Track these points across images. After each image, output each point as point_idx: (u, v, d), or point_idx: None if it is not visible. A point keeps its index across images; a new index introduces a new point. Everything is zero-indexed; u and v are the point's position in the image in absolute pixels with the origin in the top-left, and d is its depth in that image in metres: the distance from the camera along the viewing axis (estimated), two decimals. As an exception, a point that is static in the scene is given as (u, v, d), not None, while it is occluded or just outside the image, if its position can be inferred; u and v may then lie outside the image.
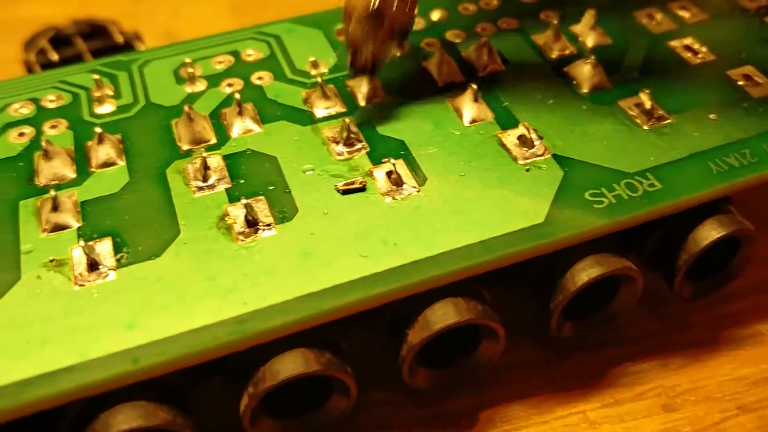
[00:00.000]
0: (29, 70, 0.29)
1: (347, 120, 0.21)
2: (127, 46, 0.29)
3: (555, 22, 0.24)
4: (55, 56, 0.28)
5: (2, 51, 0.34)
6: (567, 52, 0.24)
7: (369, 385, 0.19)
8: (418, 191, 0.20)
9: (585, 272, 0.19)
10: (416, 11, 0.22)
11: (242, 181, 0.20)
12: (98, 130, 0.20)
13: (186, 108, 0.21)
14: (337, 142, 0.21)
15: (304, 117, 0.22)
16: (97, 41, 0.30)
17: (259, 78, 0.23)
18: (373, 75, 0.22)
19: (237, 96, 0.21)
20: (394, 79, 0.23)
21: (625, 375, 0.20)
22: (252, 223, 0.19)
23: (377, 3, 0.20)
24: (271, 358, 0.17)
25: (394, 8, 0.21)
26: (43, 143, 0.20)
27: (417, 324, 0.18)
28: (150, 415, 0.16)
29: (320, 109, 0.22)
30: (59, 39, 0.30)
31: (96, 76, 0.23)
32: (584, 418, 0.19)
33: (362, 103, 0.22)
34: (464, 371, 0.19)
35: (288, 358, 0.17)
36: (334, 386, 0.18)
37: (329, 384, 0.18)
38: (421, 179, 0.20)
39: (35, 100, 0.23)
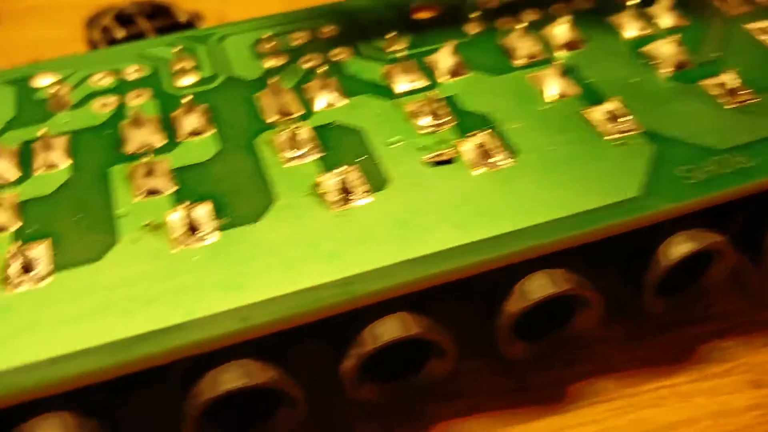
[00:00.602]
0: (94, 48, 0.29)
1: (431, 94, 0.21)
2: (189, 26, 0.30)
3: (633, 1, 0.24)
4: (120, 33, 0.29)
5: (61, 32, 0.35)
6: (646, 32, 0.24)
7: (460, 354, 0.19)
8: (508, 164, 0.19)
9: (680, 246, 0.19)
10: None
11: (330, 153, 0.20)
12: (187, 98, 0.20)
13: (270, 80, 0.21)
14: (422, 116, 0.21)
15: (386, 92, 0.22)
16: (159, 20, 0.30)
17: (337, 54, 0.23)
18: None
19: (319, 70, 0.21)
20: (474, 56, 0.23)
21: (712, 351, 0.20)
22: (346, 192, 0.19)
23: None
24: (371, 322, 0.17)
25: None
26: (133, 112, 0.20)
27: (513, 295, 0.18)
28: (256, 374, 0.16)
29: (402, 84, 0.22)
30: (122, 18, 0.30)
31: (175, 49, 0.23)
32: (674, 391, 0.19)
33: (443, 78, 0.22)
34: (560, 343, 0.19)
35: (391, 321, 0.17)
36: (433, 351, 0.18)
37: (427, 348, 0.18)
38: (510, 151, 0.20)
39: (116, 72, 0.23)
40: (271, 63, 0.23)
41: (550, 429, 0.19)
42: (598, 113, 0.21)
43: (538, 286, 0.18)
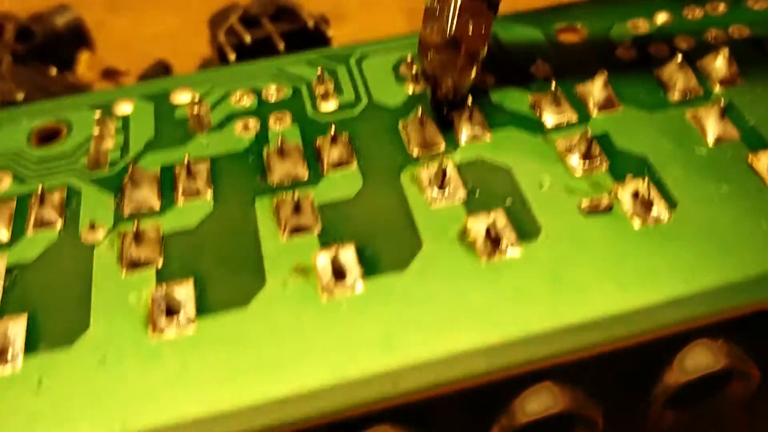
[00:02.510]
0: (220, 51, 0.28)
1: (586, 130, 0.20)
2: (317, 31, 0.29)
3: (800, 33, 0.22)
4: (247, 37, 0.28)
5: (182, 25, 0.34)
6: (815, 68, 0.22)
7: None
8: (669, 216, 0.18)
9: None
10: (490, 33, 0.21)
11: (477, 194, 0.19)
12: (333, 128, 0.20)
13: (419, 111, 0.20)
14: (574, 155, 0.20)
15: (533, 124, 0.21)
16: (285, 23, 0.29)
17: (481, 82, 0.22)
18: (457, 106, 0.21)
19: (469, 100, 0.21)
20: (625, 88, 0.22)
21: None
22: (495, 241, 0.18)
23: (453, 29, 0.20)
24: (517, 389, 0.16)
25: (470, 32, 0.20)
26: (278, 140, 0.20)
27: (673, 367, 0.17)
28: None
29: (550, 117, 0.21)
30: (247, 19, 0.29)
31: (318, 71, 0.22)
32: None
33: (594, 112, 0.21)
34: (707, 411, 0.18)
35: (542, 395, 0.16)
36: (578, 424, 0.17)
37: (572, 421, 0.17)
38: (670, 202, 0.19)
39: (256, 91, 0.22)
40: (413, 88, 0.22)
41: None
42: (764, 161, 0.19)
43: (701, 361, 0.17)
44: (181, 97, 0.22)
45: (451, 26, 0.20)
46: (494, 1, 0.21)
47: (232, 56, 0.28)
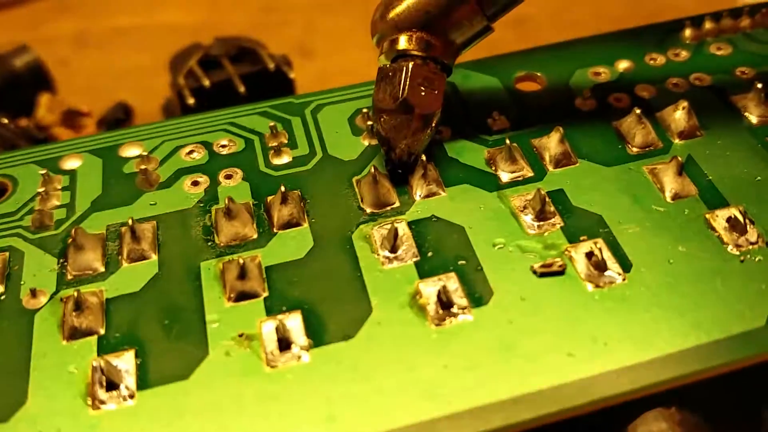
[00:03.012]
0: (179, 94, 0.28)
1: (541, 190, 0.19)
2: (278, 73, 0.29)
3: (759, 85, 0.22)
4: (206, 81, 0.28)
5: (145, 61, 0.34)
6: (776, 119, 0.22)
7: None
8: (623, 279, 0.18)
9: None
10: (443, 96, 0.20)
11: (430, 254, 0.19)
12: (282, 188, 0.19)
13: (372, 169, 0.20)
14: (528, 213, 0.19)
15: (488, 181, 0.21)
16: (246, 65, 0.29)
17: (438, 132, 0.22)
18: (411, 168, 0.20)
19: (423, 157, 0.20)
20: (584, 140, 0.21)
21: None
22: (446, 305, 0.18)
23: (405, 92, 0.20)
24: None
25: (423, 95, 0.20)
26: (226, 201, 0.19)
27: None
28: None
29: (505, 173, 0.21)
30: (207, 61, 0.29)
31: (271, 123, 0.22)
32: None
33: (550, 167, 0.21)
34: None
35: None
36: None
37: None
38: (625, 264, 0.18)
39: (206, 144, 0.22)
40: (369, 140, 0.22)
41: None
42: (721, 219, 0.19)
43: (654, 431, 0.16)
44: (131, 152, 0.22)
45: (403, 90, 0.20)
46: (447, 64, 0.20)
47: (191, 100, 0.27)
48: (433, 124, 0.20)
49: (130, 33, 0.37)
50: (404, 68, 0.20)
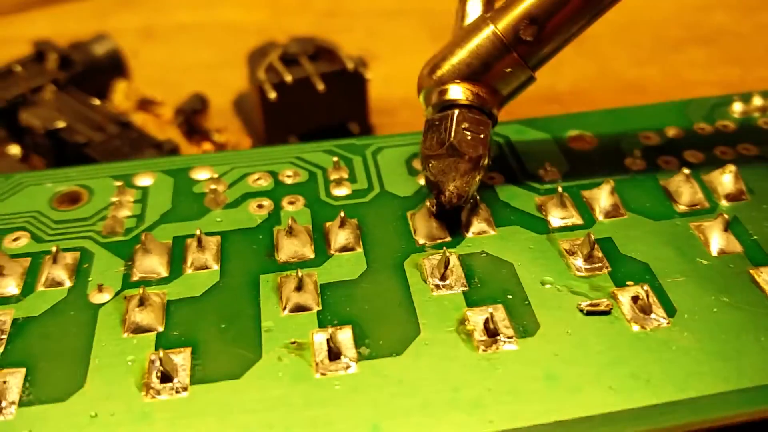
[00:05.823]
0: (260, 89, 0.29)
1: (590, 234, 0.20)
2: (356, 75, 0.29)
3: (806, 156, 0.23)
4: (288, 77, 0.29)
5: (206, 55, 0.35)
6: (821, 188, 0.22)
7: None
8: (667, 323, 0.18)
9: None
10: (489, 140, 0.21)
11: (479, 285, 0.19)
12: (342, 213, 0.20)
13: (428, 203, 0.21)
14: (577, 256, 0.20)
15: (538, 224, 0.21)
16: (324, 64, 0.30)
17: (491, 178, 0.23)
18: (461, 210, 0.21)
19: (476, 195, 0.21)
20: (632, 196, 0.22)
21: None
22: (492, 333, 0.18)
23: (451, 136, 0.20)
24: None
25: (469, 138, 0.20)
26: (289, 220, 0.20)
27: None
28: None
29: (556, 218, 0.21)
30: (285, 58, 0.30)
31: (335, 158, 0.23)
32: None
33: (600, 217, 0.21)
34: None
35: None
36: None
37: None
38: (669, 310, 0.19)
39: (273, 173, 0.23)
40: (423, 181, 0.23)
41: None
42: (765, 275, 0.20)
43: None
44: (202, 174, 0.23)
45: (449, 135, 0.20)
46: (492, 113, 0.21)
47: (272, 94, 0.28)
48: (482, 167, 0.21)
49: (193, 29, 0.38)
50: (449, 115, 0.21)
